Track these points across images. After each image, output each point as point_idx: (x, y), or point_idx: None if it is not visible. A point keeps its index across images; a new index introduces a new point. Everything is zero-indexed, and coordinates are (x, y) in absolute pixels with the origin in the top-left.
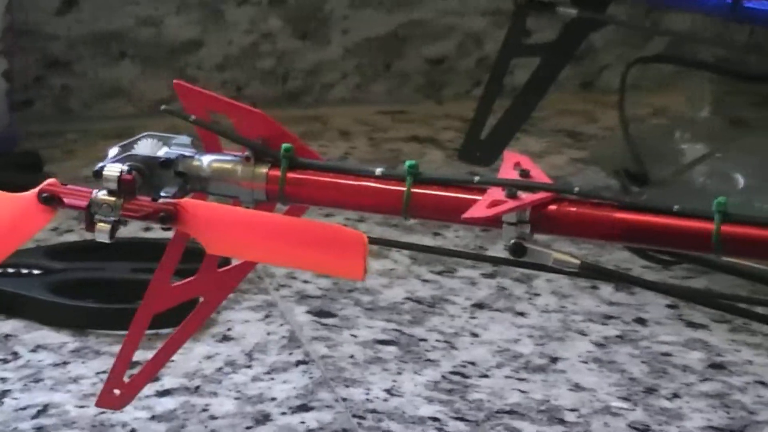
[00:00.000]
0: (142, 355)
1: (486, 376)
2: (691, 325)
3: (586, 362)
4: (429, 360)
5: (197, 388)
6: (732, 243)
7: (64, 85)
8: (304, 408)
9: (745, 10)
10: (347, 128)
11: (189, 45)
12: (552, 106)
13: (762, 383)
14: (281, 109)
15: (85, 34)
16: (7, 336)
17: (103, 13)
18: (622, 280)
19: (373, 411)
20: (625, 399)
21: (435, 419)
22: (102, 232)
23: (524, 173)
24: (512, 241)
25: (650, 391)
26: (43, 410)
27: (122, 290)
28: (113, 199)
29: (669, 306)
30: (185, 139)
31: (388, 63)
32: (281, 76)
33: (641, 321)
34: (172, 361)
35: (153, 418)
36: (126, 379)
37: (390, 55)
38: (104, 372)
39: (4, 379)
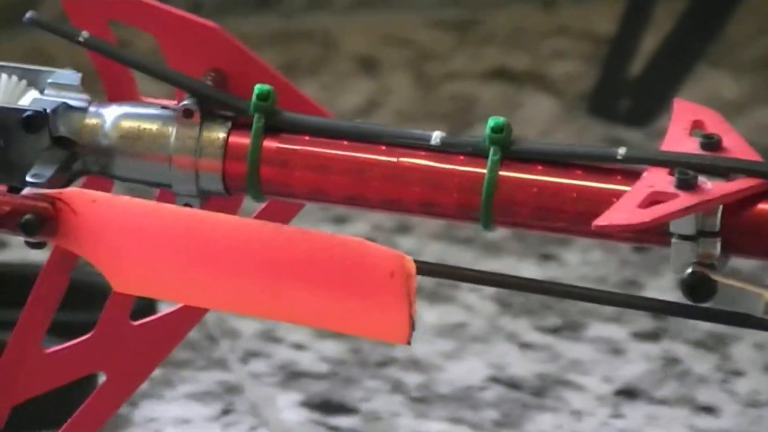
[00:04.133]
0: None
1: None
2: None
3: None
4: None
5: None
6: None
7: None
8: None
9: None
10: (372, 54)
11: None
12: (758, 15)
13: None
14: (249, 19)
15: None
16: None
17: None
18: None
19: None
20: None
21: None
22: None
23: (709, 142)
24: (689, 270)
25: None
26: None
27: None
28: None
29: None
30: (70, 77)
31: None
32: None
33: None
34: None
35: None
36: None
37: None
38: None
39: None
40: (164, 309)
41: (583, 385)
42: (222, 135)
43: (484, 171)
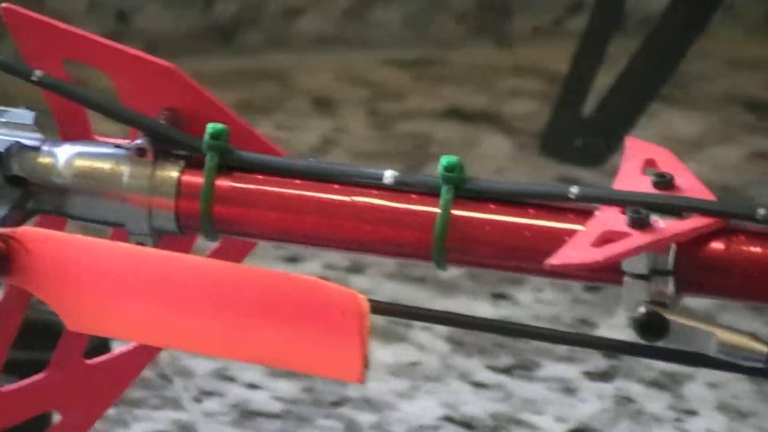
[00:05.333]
0: None
1: None
2: None
3: None
4: None
5: None
6: None
7: None
8: None
9: None
10: (328, 93)
11: None
12: (718, 53)
13: None
14: (205, 58)
15: None
16: None
17: None
18: None
19: None
20: None
21: None
22: None
23: (662, 181)
24: (642, 309)
25: None
26: None
27: None
28: None
29: None
30: (24, 115)
31: None
32: None
33: None
34: None
35: None
36: None
37: None
38: None
39: None
40: (118, 348)
41: (536, 424)
42: (175, 174)
43: (437, 209)
